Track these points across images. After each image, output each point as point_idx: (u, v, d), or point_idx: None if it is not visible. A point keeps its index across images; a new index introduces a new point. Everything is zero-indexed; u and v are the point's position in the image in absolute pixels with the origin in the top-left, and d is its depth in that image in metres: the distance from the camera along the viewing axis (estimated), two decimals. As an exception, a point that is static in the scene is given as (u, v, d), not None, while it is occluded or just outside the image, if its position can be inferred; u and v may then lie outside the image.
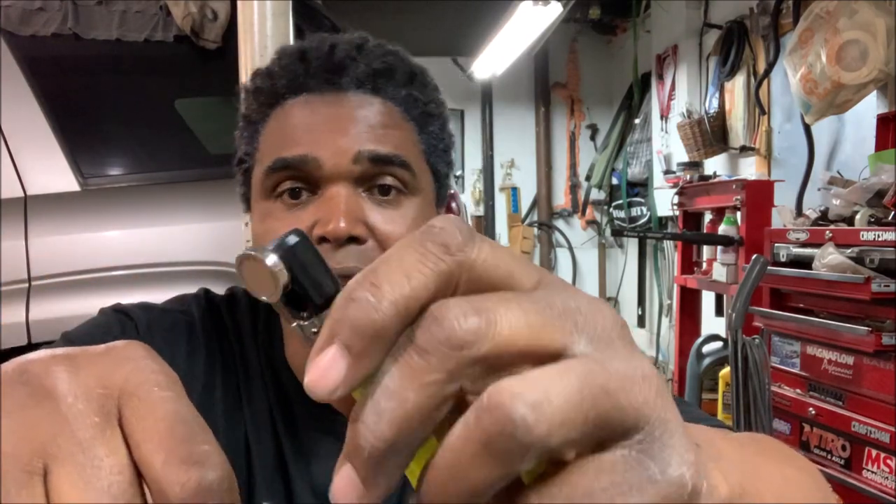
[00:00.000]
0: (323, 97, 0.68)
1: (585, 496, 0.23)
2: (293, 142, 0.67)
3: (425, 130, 0.72)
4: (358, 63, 0.69)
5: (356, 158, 0.66)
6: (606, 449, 0.24)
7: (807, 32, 2.74)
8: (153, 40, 2.15)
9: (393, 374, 0.24)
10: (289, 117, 0.69)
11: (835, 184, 2.52)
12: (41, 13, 2.12)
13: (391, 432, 0.24)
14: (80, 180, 2.06)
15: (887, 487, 1.98)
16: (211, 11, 2.11)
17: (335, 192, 0.65)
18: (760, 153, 3.74)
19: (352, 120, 0.67)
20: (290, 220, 0.66)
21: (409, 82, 0.72)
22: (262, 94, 0.71)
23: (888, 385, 2.00)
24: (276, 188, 0.68)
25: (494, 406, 0.23)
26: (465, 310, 0.24)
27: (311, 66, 0.69)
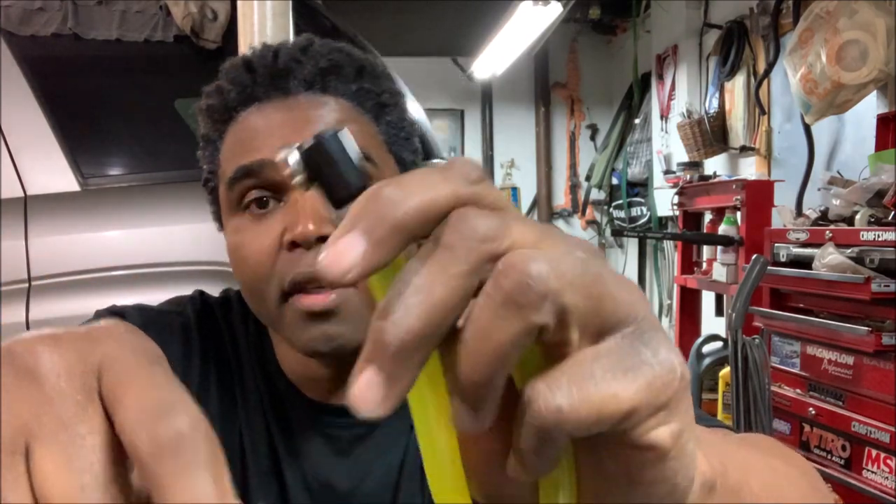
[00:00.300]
0: (273, 103, 0.68)
1: (587, 377, 0.25)
2: (250, 149, 0.66)
3: (382, 121, 0.72)
4: (304, 64, 0.69)
5: None
6: (603, 338, 0.26)
7: (807, 32, 2.74)
8: (153, 40, 2.15)
9: (419, 270, 0.25)
10: (243, 128, 0.68)
11: (835, 184, 2.52)
12: (41, 13, 2.12)
13: (419, 324, 0.24)
14: (80, 180, 2.06)
15: (887, 487, 1.98)
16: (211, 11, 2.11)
17: (300, 194, 0.65)
18: (760, 153, 3.74)
19: (305, 120, 0.67)
20: (260, 230, 0.66)
21: (359, 76, 0.71)
22: (215, 111, 0.71)
23: (888, 385, 2.00)
24: (241, 200, 0.67)
25: (510, 266, 0.25)
26: (484, 213, 0.26)
27: (257, 74, 0.69)
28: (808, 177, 3.20)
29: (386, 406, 0.25)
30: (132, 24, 2.15)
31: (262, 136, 0.67)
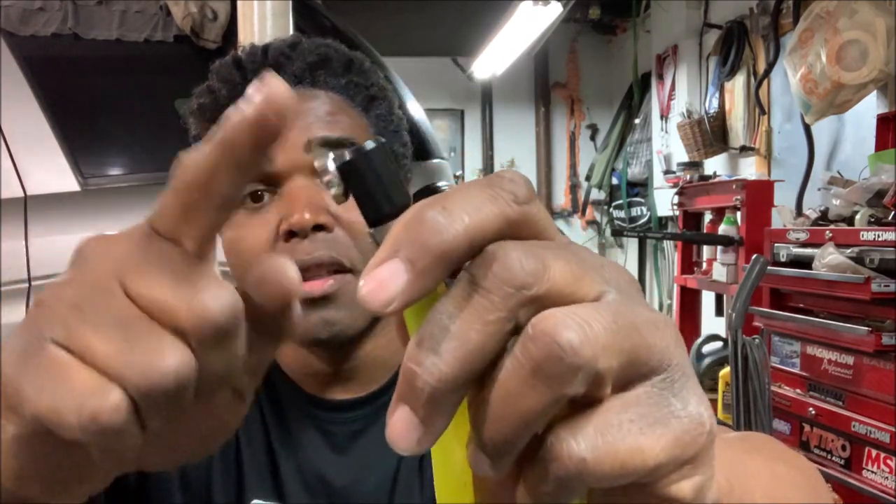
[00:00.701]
0: None
1: (613, 428, 0.24)
2: None
3: (372, 113, 0.73)
4: (293, 60, 0.70)
5: (307, 147, 0.65)
6: (633, 386, 0.25)
7: (807, 32, 2.74)
8: (153, 40, 2.15)
9: (454, 314, 0.24)
10: None
11: (835, 184, 2.52)
12: (41, 13, 2.12)
13: (453, 372, 0.24)
14: (81, 180, 2.06)
15: (887, 487, 1.98)
16: (211, 11, 2.11)
17: (294, 186, 0.66)
18: (760, 153, 3.74)
19: (296, 113, 0.66)
20: (256, 223, 0.67)
21: (347, 70, 0.72)
22: (207, 110, 0.71)
23: (888, 385, 2.00)
24: None
25: (541, 333, 0.24)
26: (524, 252, 0.25)
27: (247, 71, 0.69)
28: (808, 177, 3.20)
29: (422, 446, 0.25)
30: (132, 24, 2.15)
31: None
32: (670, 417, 0.25)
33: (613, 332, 0.24)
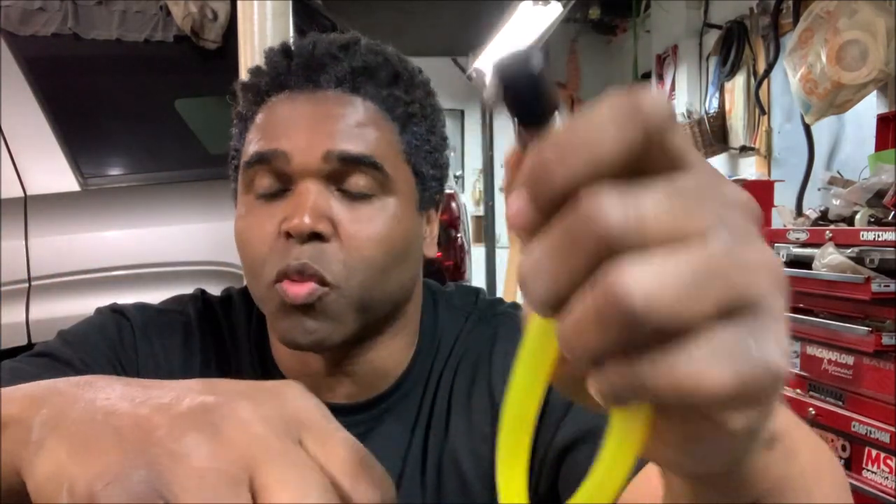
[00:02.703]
0: (303, 94, 0.69)
1: (684, 359, 0.24)
2: (269, 136, 0.67)
3: (408, 130, 0.71)
4: (340, 61, 0.69)
5: (326, 157, 0.66)
6: (715, 322, 0.25)
7: (807, 32, 2.74)
8: (153, 40, 2.15)
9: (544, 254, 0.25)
10: (271, 113, 0.69)
11: (835, 184, 2.52)
12: (41, 13, 2.12)
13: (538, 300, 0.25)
14: (81, 180, 2.06)
15: (887, 488, 1.98)
16: (211, 11, 2.11)
17: (304, 189, 0.66)
18: (760, 153, 3.74)
19: (327, 117, 0.67)
20: (264, 214, 0.67)
21: (393, 82, 0.70)
22: (250, 90, 0.72)
23: (888, 385, 2.00)
24: (253, 183, 0.68)
25: (605, 288, 0.24)
26: (617, 200, 0.24)
27: (293, 63, 0.69)
28: (808, 177, 3.20)
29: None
30: (132, 25, 2.15)
31: (284, 125, 0.67)
32: (741, 356, 0.25)
33: (699, 282, 0.24)
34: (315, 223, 0.64)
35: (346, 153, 0.66)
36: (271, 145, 0.66)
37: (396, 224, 0.68)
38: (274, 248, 0.66)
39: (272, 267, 0.65)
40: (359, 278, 0.65)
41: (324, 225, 0.65)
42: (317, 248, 0.65)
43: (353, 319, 0.66)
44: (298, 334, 0.65)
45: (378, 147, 0.68)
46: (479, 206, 5.95)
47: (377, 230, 0.66)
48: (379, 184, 0.67)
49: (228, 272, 2.01)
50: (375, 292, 0.67)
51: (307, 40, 0.71)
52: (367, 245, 0.66)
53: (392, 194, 0.68)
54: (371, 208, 0.67)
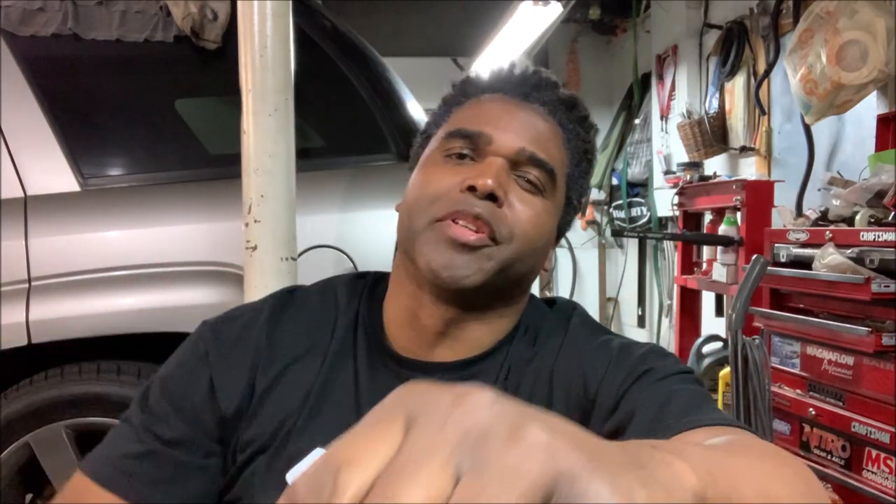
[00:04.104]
0: (515, 101, 0.84)
1: None
2: (480, 120, 0.81)
3: (573, 162, 0.86)
4: (551, 89, 0.86)
5: (520, 151, 0.79)
6: None
7: (807, 32, 2.74)
8: (153, 40, 2.14)
9: None
10: (482, 105, 0.84)
11: (835, 184, 2.52)
12: (41, 13, 2.12)
13: None
14: (81, 180, 2.06)
15: (887, 488, 1.98)
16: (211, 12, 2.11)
17: (494, 161, 0.78)
18: (760, 153, 3.74)
19: (530, 124, 0.82)
20: (449, 171, 0.79)
21: (581, 122, 0.87)
22: (466, 84, 0.87)
23: (888, 385, 2.00)
24: (447, 150, 0.81)
25: None
26: None
27: (514, 76, 0.86)
28: (808, 177, 3.20)
29: None
30: (132, 25, 2.15)
31: (495, 116, 0.81)
32: None
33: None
34: (497, 187, 0.76)
35: (535, 156, 0.80)
36: (478, 127, 0.80)
37: (547, 220, 0.82)
38: (450, 194, 0.77)
39: (443, 207, 0.76)
40: (515, 245, 0.78)
41: (501, 192, 0.77)
42: (492, 208, 0.76)
43: (494, 273, 0.77)
44: (444, 268, 0.75)
45: (556, 161, 0.82)
46: (479, 207, 5.95)
47: (537, 216, 0.80)
48: (548, 186, 0.81)
49: (228, 272, 2.01)
50: (517, 263, 0.79)
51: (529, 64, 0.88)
52: (528, 223, 0.78)
53: (549, 198, 0.82)
54: (537, 199, 0.80)
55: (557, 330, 0.86)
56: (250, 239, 1.81)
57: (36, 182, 2.04)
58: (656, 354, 0.79)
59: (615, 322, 5.79)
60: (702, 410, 0.67)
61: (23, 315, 1.96)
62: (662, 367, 0.76)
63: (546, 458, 0.26)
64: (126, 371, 2.04)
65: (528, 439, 0.26)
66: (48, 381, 2.02)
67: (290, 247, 1.83)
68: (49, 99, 2.08)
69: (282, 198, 1.82)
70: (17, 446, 2.02)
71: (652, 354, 0.79)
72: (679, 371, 0.76)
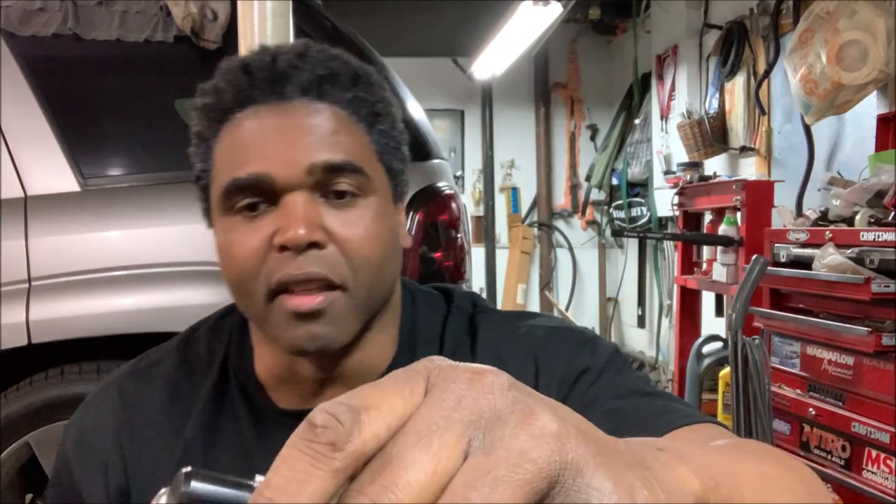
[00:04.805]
0: (270, 107, 0.69)
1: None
2: (245, 159, 0.67)
3: (375, 130, 0.72)
4: (301, 70, 0.69)
5: (310, 170, 0.66)
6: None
7: (807, 33, 2.74)
8: (153, 41, 2.14)
9: None
10: (239, 132, 0.69)
11: (835, 184, 2.52)
12: (41, 13, 2.12)
13: None
14: (81, 180, 2.06)
15: (887, 488, 1.98)
16: (211, 12, 2.11)
17: (292, 200, 0.66)
18: (760, 153, 3.74)
19: (301, 129, 0.68)
20: (250, 231, 0.68)
21: (354, 84, 0.71)
22: (211, 110, 0.71)
23: (888, 385, 2.00)
24: (233, 207, 0.69)
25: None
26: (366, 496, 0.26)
27: (255, 77, 0.69)
28: (808, 177, 3.20)
29: None
30: (132, 25, 2.14)
31: (258, 143, 0.68)
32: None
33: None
34: (311, 233, 0.65)
35: (329, 163, 0.67)
36: (251, 169, 0.67)
37: (382, 221, 0.70)
38: (267, 261, 0.66)
39: (267, 279, 0.66)
40: (362, 277, 0.68)
41: (319, 234, 0.66)
42: (317, 255, 0.66)
43: (357, 320, 0.69)
44: (305, 342, 0.67)
45: (355, 151, 0.69)
46: (478, 207, 5.96)
47: (368, 230, 0.68)
48: (361, 186, 0.69)
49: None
50: (376, 289, 0.70)
51: (261, 53, 0.71)
52: (364, 245, 0.68)
53: (372, 194, 0.70)
54: (358, 210, 0.68)
55: (463, 337, 0.77)
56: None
57: (36, 182, 2.04)
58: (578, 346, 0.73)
59: (615, 322, 5.79)
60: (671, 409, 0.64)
61: (23, 315, 1.96)
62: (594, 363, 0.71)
63: (555, 448, 0.26)
64: (126, 371, 2.04)
65: (538, 426, 0.27)
66: (48, 381, 2.02)
67: (290, 247, 1.82)
68: (49, 99, 2.08)
69: (282, 198, 1.81)
70: (17, 446, 2.02)
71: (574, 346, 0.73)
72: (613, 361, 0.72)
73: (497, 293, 5.86)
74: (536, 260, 5.94)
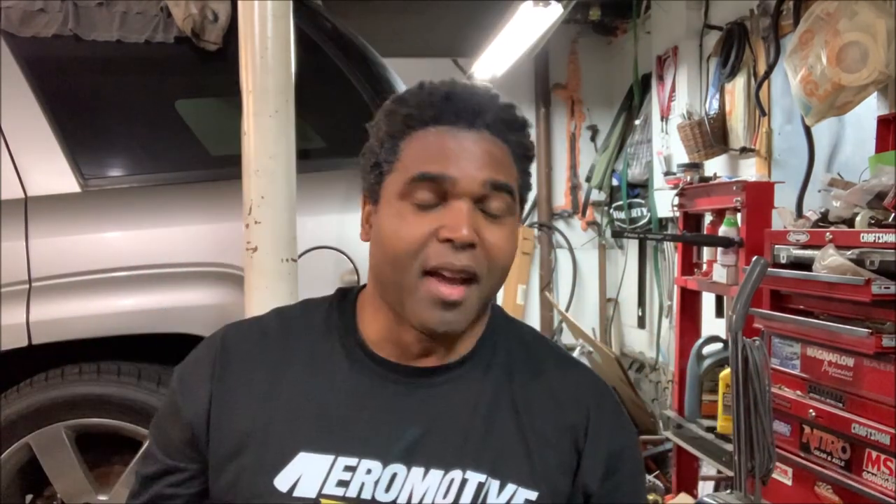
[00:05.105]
0: (460, 131, 0.88)
1: None
2: (437, 160, 0.86)
3: (521, 169, 0.93)
4: (490, 111, 0.89)
5: (483, 183, 0.86)
6: None
7: (807, 34, 2.74)
8: (154, 42, 2.15)
9: None
10: (433, 141, 0.87)
11: (835, 185, 2.52)
12: (42, 14, 2.12)
13: None
14: (81, 181, 2.06)
15: (888, 489, 1.98)
16: (212, 13, 2.11)
17: (461, 206, 0.85)
18: (761, 154, 3.74)
19: (485, 154, 0.87)
20: (420, 220, 0.85)
21: (521, 131, 0.93)
22: (411, 118, 0.89)
23: (888, 387, 2.00)
24: (413, 193, 0.86)
25: None
26: None
27: (456, 106, 0.88)
28: (808, 178, 3.20)
29: None
30: (133, 26, 2.15)
31: (453, 156, 0.86)
32: None
33: None
34: (472, 236, 0.84)
35: (497, 181, 0.87)
36: (443, 170, 0.85)
37: (514, 239, 0.90)
38: (429, 246, 0.84)
39: (423, 262, 0.84)
40: (494, 277, 0.88)
41: (476, 238, 0.85)
42: (471, 253, 0.85)
43: (478, 310, 0.88)
44: (438, 324, 0.85)
45: (510, 179, 0.90)
46: (479, 207, 5.95)
47: (507, 244, 0.88)
48: (509, 207, 0.89)
49: (229, 273, 2.01)
50: (496, 289, 0.90)
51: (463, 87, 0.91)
52: (501, 255, 0.87)
53: (513, 215, 0.90)
54: (503, 226, 0.88)
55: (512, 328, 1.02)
56: (251, 240, 1.81)
57: (36, 183, 2.05)
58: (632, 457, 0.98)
59: (615, 323, 5.79)
60: None
61: (23, 316, 1.96)
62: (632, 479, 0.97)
63: None
64: (126, 372, 2.04)
65: None
66: (48, 382, 2.02)
67: (290, 248, 1.83)
68: (50, 100, 2.08)
69: (282, 199, 1.82)
70: (17, 447, 2.03)
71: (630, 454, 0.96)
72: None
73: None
74: (536, 260, 5.94)
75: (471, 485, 0.85)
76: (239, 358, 0.92)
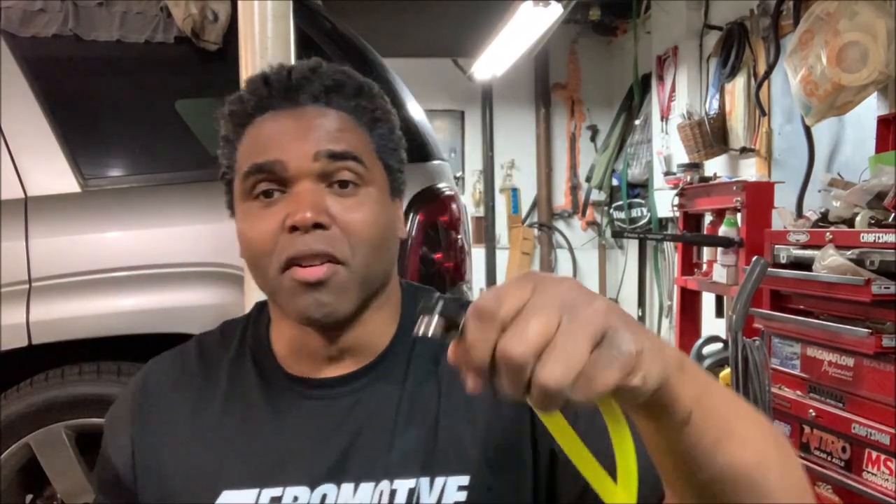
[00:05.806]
0: (285, 112, 0.82)
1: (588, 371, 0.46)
2: (263, 150, 0.80)
3: (374, 132, 0.85)
4: (312, 81, 0.83)
5: (315, 157, 0.79)
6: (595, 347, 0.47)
7: (807, 34, 2.74)
8: (154, 41, 2.14)
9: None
10: (259, 131, 0.82)
11: (835, 185, 2.52)
12: (42, 14, 2.12)
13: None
14: (81, 181, 2.06)
15: (888, 489, 1.98)
16: (212, 13, 2.11)
17: (301, 188, 0.79)
18: (761, 154, 3.74)
19: (310, 128, 0.81)
20: (266, 215, 0.79)
21: (358, 94, 0.85)
22: (236, 115, 0.84)
23: (888, 387, 2.01)
24: (252, 190, 0.81)
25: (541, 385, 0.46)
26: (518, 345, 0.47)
27: (273, 87, 0.83)
28: (808, 178, 3.20)
29: None
30: (133, 26, 2.14)
31: (275, 139, 0.81)
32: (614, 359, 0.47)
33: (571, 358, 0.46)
34: (316, 215, 0.77)
35: (331, 151, 0.79)
36: (268, 156, 0.79)
37: (379, 209, 0.82)
38: (280, 241, 0.78)
39: (279, 257, 0.78)
40: (361, 256, 0.79)
41: (324, 217, 0.77)
42: (322, 235, 0.78)
43: (357, 293, 0.80)
44: (314, 309, 0.78)
45: (356, 145, 0.82)
46: (478, 208, 5.96)
47: (367, 215, 0.80)
48: (360, 176, 0.81)
49: (229, 273, 2.01)
50: (373, 268, 0.81)
51: (279, 68, 0.85)
52: (362, 227, 0.79)
53: (371, 184, 0.82)
54: (357, 198, 0.81)
55: None
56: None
57: (36, 183, 2.04)
58: None
59: (615, 323, 5.79)
60: None
61: (23, 316, 1.96)
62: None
63: (605, 318, 0.47)
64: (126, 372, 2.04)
65: (595, 306, 0.48)
66: (48, 382, 2.02)
67: (290, 248, 1.82)
68: (49, 100, 2.08)
69: (282, 199, 1.81)
70: (17, 447, 2.02)
71: None
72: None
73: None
74: (537, 260, 5.94)
75: (401, 494, 0.80)
76: (159, 397, 0.89)
